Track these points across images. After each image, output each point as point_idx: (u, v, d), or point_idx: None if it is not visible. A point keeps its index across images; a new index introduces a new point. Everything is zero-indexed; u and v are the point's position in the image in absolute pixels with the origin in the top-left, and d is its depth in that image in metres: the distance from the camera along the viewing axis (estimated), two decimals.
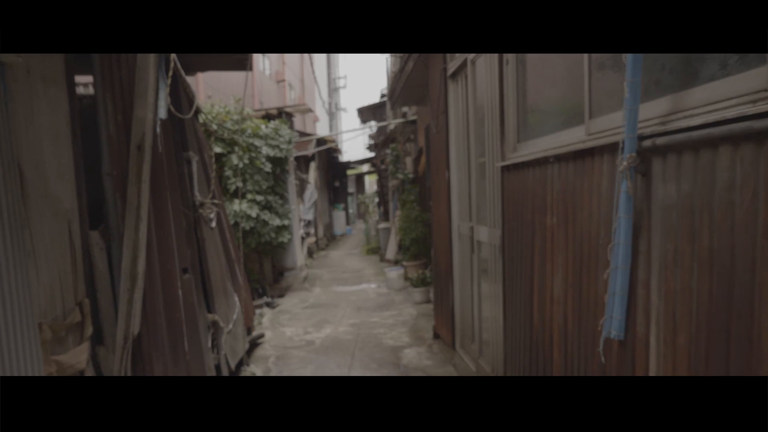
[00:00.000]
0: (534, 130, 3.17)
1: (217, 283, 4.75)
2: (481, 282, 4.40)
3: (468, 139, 4.64)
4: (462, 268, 5.01)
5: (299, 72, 29.98)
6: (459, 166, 4.97)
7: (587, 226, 2.35)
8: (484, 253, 4.28)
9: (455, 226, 5.17)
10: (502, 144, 3.55)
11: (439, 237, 5.82)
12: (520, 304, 3.26)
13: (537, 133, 3.12)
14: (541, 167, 2.87)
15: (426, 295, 8.48)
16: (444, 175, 5.33)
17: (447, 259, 5.40)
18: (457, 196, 5.06)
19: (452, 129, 5.11)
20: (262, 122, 9.28)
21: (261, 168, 8.88)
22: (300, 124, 23.29)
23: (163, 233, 3.47)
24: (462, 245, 4.98)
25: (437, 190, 5.82)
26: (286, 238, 9.48)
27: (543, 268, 2.85)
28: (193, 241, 4.30)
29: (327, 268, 13.53)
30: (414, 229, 9.83)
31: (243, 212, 8.44)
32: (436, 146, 5.77)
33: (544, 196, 2.81)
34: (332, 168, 24.26)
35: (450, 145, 5.16)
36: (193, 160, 4.32)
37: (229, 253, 5.95)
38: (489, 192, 3.93)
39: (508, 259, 3.46)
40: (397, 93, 9.54)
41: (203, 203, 4.38)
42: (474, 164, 4.42)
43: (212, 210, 4.99)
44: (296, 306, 9.02)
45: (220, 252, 5.27)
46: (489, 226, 3.99)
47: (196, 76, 13.93)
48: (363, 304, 8.92)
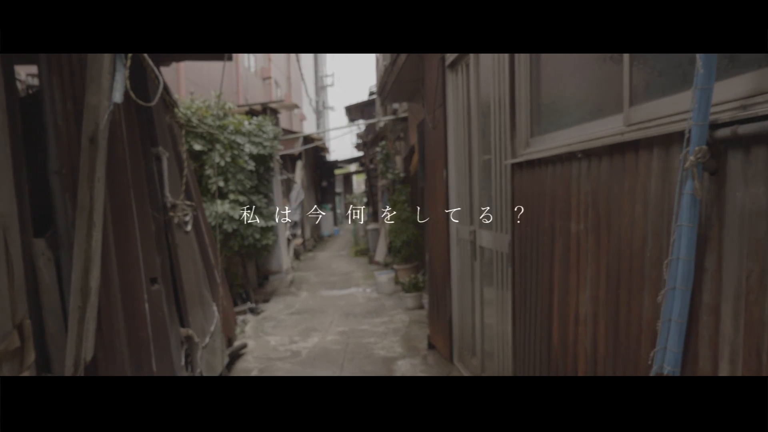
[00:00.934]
0: (552, 122, 2.76)
1: (192, 292, 4.30)
2: (485, 292, 3.99)
3: (469, 134, 4.24)
4: (461, 276, 4.60)
5: (286, 69, 29.44)
6: (458, 165, 4.56)
7: (627, 236, 1.95)
8: (487, 260, 3.87)
9: (454, 229, 4.76)
10: (513, 139, 3.15)
11: (435, 241, 5.41)
12: (535, 319, 2.85)
13: (556, 126, 2.71)
14: (563, 164, 2.46)
15: (418, 301, 8.07)
16: (441, 174, 4.92)
17: (444, 265, 4.99)
18: (456, 196, 4.65)
19: (451, 124, 4.69)
20: (245, 118, 8.82)
21: (244, 167, 8.42)
22: (286, 123, 22.79)
23: (125, 239, 3.02)
24: (461, 250, 4.57)
25: (433, 191, 5.41)
26: (271, 240, 9.02)
27: (566, 282, 2.44)
28: (163, 247, 3.85)
29: (314, 271, 13.08)
30: (405, 231, 9.43)
31: (225, 213, 7.98)
32: (431, 143, 5.36)
33: (568, 197, 2.41)
34: (320, 167, 23.79)
35: (448, 141, 4.75)
36: (163, 156, 3.87)
37: (208, 259, 5.49)
38: (495, 193, 3.53)
39: (520, 268, 3.06)
40: (388, 88, 9.11)
41: (175, 205, 3.93)
42: (477, 162, 4.01)
43: (187, 212, 4.54)
44: (282, 312, 8.57)
45: (197, 258, 4.81)
46: (495, 231, 3.58)
47: (178, 71, 13.41)
48: (352, 310, 8.49)
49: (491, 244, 3.68)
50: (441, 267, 5.14)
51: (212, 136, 8.14)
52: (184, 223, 4.40)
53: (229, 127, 8.43)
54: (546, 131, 2.82)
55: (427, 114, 5.44)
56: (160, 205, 3.83)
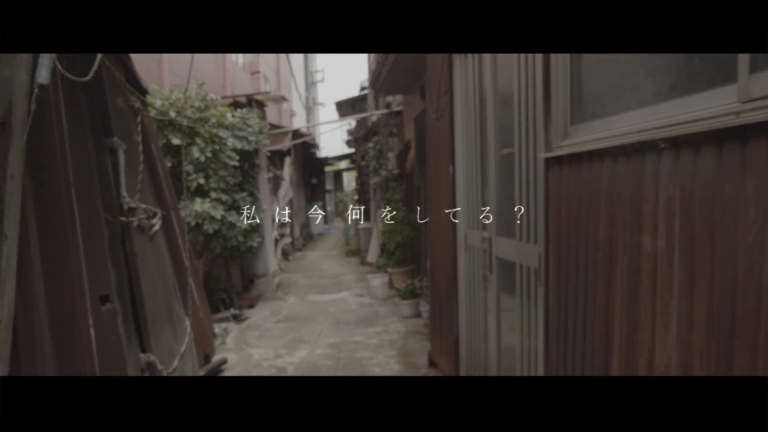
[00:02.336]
0: (604, 104, 2.16)
1: (158, 309, 3.66)
2: (503, 309, 3.39)
3: (483, 125, 3.63)
4: (471, 289, 4.00)
5: (275, 64, 28.70)
6: (468, 160, 3.95)
7: (752, 261, 1.34)
8: (506, 273, 3.27)
9: (461, 234, 4.15)
10: (546, 128, 2.54)
11: (437, 247, 4.80)
12: (582, 355, 2.25)
13: (609, 108, 2.11)
14: (629, 158, 1.86)
15: (415, 309, 7.46)
16: (446, 170, 4.31)
17: (449, 275, 4.38)
18: (465, 197, 4.04)
19: (459, 113, 4.08)
20: (228, 110, 8.16)
21: (226, 162, 7.76)
22: (275, 118, 22.08)
23: (60, 251, 2.39)
24: (471, 260, 3.97)
25: (435, 190, 4.79)
26: (256, 241, 8.38)
27: (633, 316, 1.84)
28: (120, 257, 3.21)
29: (303, 273, 12.45)
30: (400, 232, 8.81)
31: (205, 213, 7.32)
32: (434, 136, 4.75)
33: (639, 203, 1.80)
34: (309, 164, 23.12)
35: (455, 133, 4.14)
36: (119, 149, 3.22)
37: (181, 266, 4.86)
38: (520, 194, 2.92)
39: (557, 288, 2.45)
40: (383, 79, 8.49)
41: (133, 207, 3.28)
42: (493, 157, 3.40)
43: (153, 214, 3.90)
44: (267, 319, 7.93)
45: (166, 266, 4.18)
46: (518, 240, 2.97)
47: (160, 63, 12.65)
48: (343, 317, 7.87)
49: (513, 255, 3.07)
50: (445, 277, 4.53)
51: (192, 129, 7.48)
52: (147, 226, 3.77)
53: (210, 119, 7.77)
54: (594, 116, 2.22)
55: (429, 103, 4.83)
56: (116, 206, 3.19)
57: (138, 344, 3.31)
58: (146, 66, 10.53)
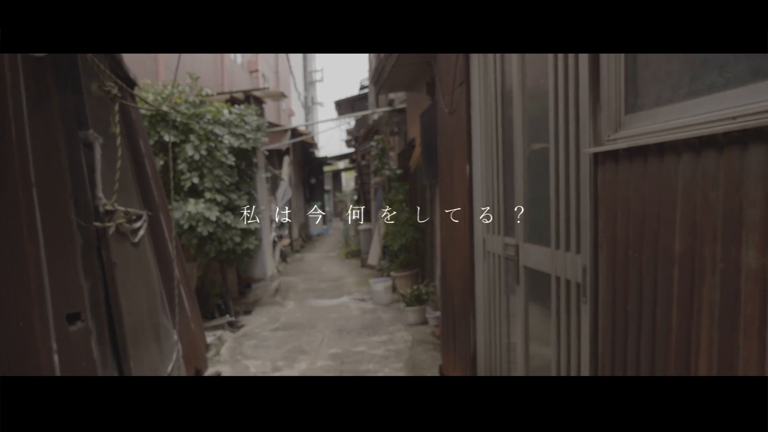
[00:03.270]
0: (674, 87, 1.76)
1: (140, 325, 3.26)
2: (531, 326, 3.00)
3: (507, 118, 3.24)
4: (491, 301, 3.61)
5: (274, 63, 28.31)
6: (488, 158, 3.56)
7: None
8: (538, 286, 2.87)
9: (479, 240, 3.76)
10: (594, 119, 2.15)
11: (451, 253, 4.40)
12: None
13: (683, 92, 1.72)
14: (721, 151, 1.46)
15: (422, 315, 7.07)
16: (462, 169, 3.92)
17: (464, 283, 3.99)
18: (484, 198, 3.65)
19: (477, 106, 3.69)
20: (224, 106, 7.76)
21: (222, 161, 7.36)
22: (274, 117, 21.68)
23: (11, 265, 1.99)
24: (491, 268, 3.57)
25: (448, 191, 4.40)
26: (253, 244, 7.98)
27: (731, 351, 1.44)
28: (95, 268, 2.81)
29: (302, 275, 12.05)
30: (404, 234, 8.42)
31: (200, 215, 6.91)
32: (446, 132, 4.35)
33: (737, 207, 1.41)
34: (308, 164, 22.74)
35: (473, 128, 3.75)
36: (95, 143, 2.82)
37: (170, 274, 4.47)
38: (558, 195, 2.52)
39: (613, 311, 2.05)
40: (386, 74, 8.09)
41: (111, 211, 2.87)
42: (520, 153, 3.00)
43: (138, 217, 3.51)
44: (265, 327, 7.53)
45: (152, 276, 3.78)
46: (555, 248, 2.58)
47: (156, 59, 12.23)
48: (345, 324, 7.48)
49: (546, 265, 2.68)
50: (460, 285, 4.14)
51: (185, 125, 7.08)
52: (131, 231, 3.37)
53: (205, 115, 7.37)
54: (660, 101, 1.83)
55: (442, 97, 4.43)
56: (90, 209, 2.78)
57: (116, 367, 2.91)
58: (142, 61, 10.12)
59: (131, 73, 4.24)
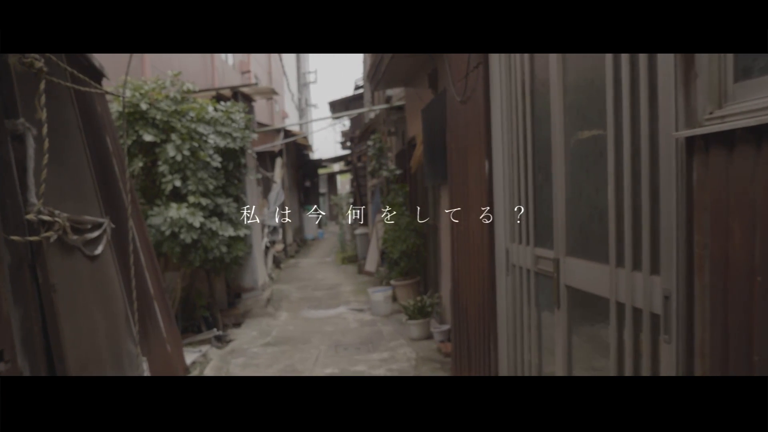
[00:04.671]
0: None
1: (93, 355, 2.67)
2: (576, 361, 2.42)
3: (540, 101, 2.66)
4: (517, 323, 3.03)
5: (266, 64, 27.69)
6: (513, 151, 2.99)
7: None
8: (587, 312, 2.30)
9: (501, 250, 3.19)
10: (687, 88, 1.58)
11: (464, 264, 3.83)
12: None
13: None
14: None
15: (426, 329, 6.48)
16: (479, 166, 3.35)
17: (481, 301, 3.42)
18: (507, 201, 3.08)
19: (498, 90, 3.12)
20: (209, 103, 7.16)
21: (207, 162, 6.76)
22: (267, 119, 21.05)
23: None
24: (517, 285, 3.00)
25: (461, 192, 3.83)
26: (243, 251, 7.37)
27: None
28: (28, 291, 2.22)
29: (296, 283, 11.44)
30: (405, 240, 7.83)
31: (183, 220, 6.31)
32: (458, 124, 3.78)
33: None
34: (302, 166, 22.14)
35: (493, 116, 3.18)
36: (27, 134, 2.23)
37: (143, 290, 3.88)
38: (621, 195, 1.95)
39: (725, 360, 1.47)
40: (384, 68, 7.53)
41: (48, 221, 2.27)
42: (560, 144, 2.43)
43: (95, 226, 2.92)
44: (255, 342, 6.93)
45: (114, 295, 3.19)
46: (616, 266, 2.00)
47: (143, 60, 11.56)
48: (342, 339, 6.88)
49: (602, 287, 2.10)
50: (476, 302, 3.56)
51: (166, 123, 6.48)
52: (85, 243, 2.77)
53: (188, 113, 6.76)
54: None
55: (452, 83, 3.86)
56: (20, 217, 2.19)
57: None
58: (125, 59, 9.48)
59: (96, 62, 3.67)
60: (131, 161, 6.46)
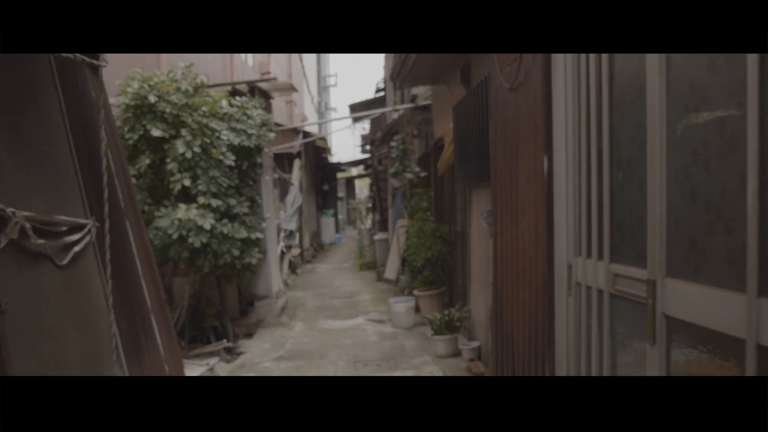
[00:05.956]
0: None
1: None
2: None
3: (625, 76, 2.10)
4: (583, 355, 2.46)
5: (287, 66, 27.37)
6: (578, 146, 2.43)
7: None
8: (704, 353, 1.72)
9: (561, 264, 2.62)
10: None
11: (510, 279, 3.26)
12: None
13: None
14: None
15: (453, 346, 5.91)
16: (535, 163, 2.79)
17: (534, 325, 2.85)
18: (572, 205, 2.51)
19: (561, 72, 2.56)
20: (223, 96, 6.68)
21: (220, 160, 6.27)
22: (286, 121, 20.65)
23: None
24: (584, 308, 2.44)
25: (507, 193, 3.27)
26: (256, 257, 6.86)
27: None
28: None
29: (312, 290, 10.93)
30: (430, 247, 7.27)
31: (191, 222, 5.82)
32: (507, 115, 3.22)
33: None
34: (321, 169, 21.69)
35: (554, 103, 2.61)
36: None
37: (141, 303, 3.40)
38: (766, 198, 1.38)
39: None
40: (410, 64, 6.99)
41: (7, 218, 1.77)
42: (659, 133, 1.85)
43: (74, 229, 2.42)
44: (267, 355, 6.41)
45: (95, 310, 2.68)
46: (759, 295, 1.42)
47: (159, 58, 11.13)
48: (361, 354, 6.34)
49: (729, 322, 1.53)
50: (525, 326, 3.00)
51: (177, 117, 6.01)
52: (60, 249, 2.27)
53: (200, 107, 6.29)
54: None
55: (499, 68, 3.30)
56: None
57: None
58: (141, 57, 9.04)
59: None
60: (137, 158, 5.99)
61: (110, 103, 5.57)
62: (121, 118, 5.93)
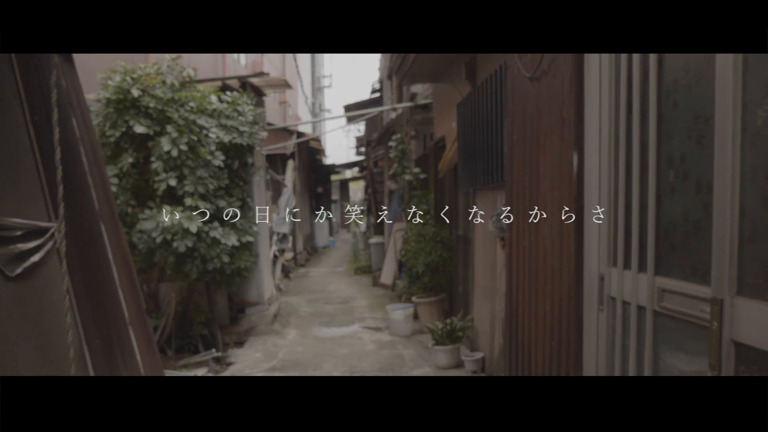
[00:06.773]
0: None
1: None
2: None
3: (672, 66, 1.78)
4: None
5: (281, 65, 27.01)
6: (615, 141, 2.10)
7: None
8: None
9: (592, 276, 2.29)
10: None
11: (529, 291, 2.93)
12: None
13: None
14: None
15: (455, 357, 5.58)
16: (563, 160, 2.47)
17: (559, 344, 2.53)
18: (609, 206, 2.19)
19: (596, 56, 2.24)
20: (212, 91, 6.33)
21: (208, 159, 5.91)
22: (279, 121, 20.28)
23: None
24: (620, 327, 2.11)
25: (526, 194, 2.94)
26: (248, 262, 6.51)
27: None
28: None
29: (306, 295, 10.57)
30: (431, 252, 6.94)
31: (177, 226, 5.46)
32: (527, 107, 2.90)
33: None
34: (315, 171, 21.33)
35: (587, 95, 2.29)
36: None
37: (117, 316, 3.05)
38: None
39: None
40: (412, 59, 6.67)
41: None
42: (732, 125, 1.53)
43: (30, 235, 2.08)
44: (258, 365, 6.06)
45: (56, 327, 2.33)
46: None
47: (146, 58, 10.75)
48: (358, 364, 6.00)
49: None
50: (549, 346, 2.67)
51: (162, 113, 5.65)
52: (14, 257, 1.93)
53: (188, 102, 5.93)
54: None
55: (519, 56, 2.98)
56: None
57: None
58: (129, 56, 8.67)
59: None
60: (120, 156, 5.63)
61: (90, 98, 5.22)
62: (102, 114, 5.58)
